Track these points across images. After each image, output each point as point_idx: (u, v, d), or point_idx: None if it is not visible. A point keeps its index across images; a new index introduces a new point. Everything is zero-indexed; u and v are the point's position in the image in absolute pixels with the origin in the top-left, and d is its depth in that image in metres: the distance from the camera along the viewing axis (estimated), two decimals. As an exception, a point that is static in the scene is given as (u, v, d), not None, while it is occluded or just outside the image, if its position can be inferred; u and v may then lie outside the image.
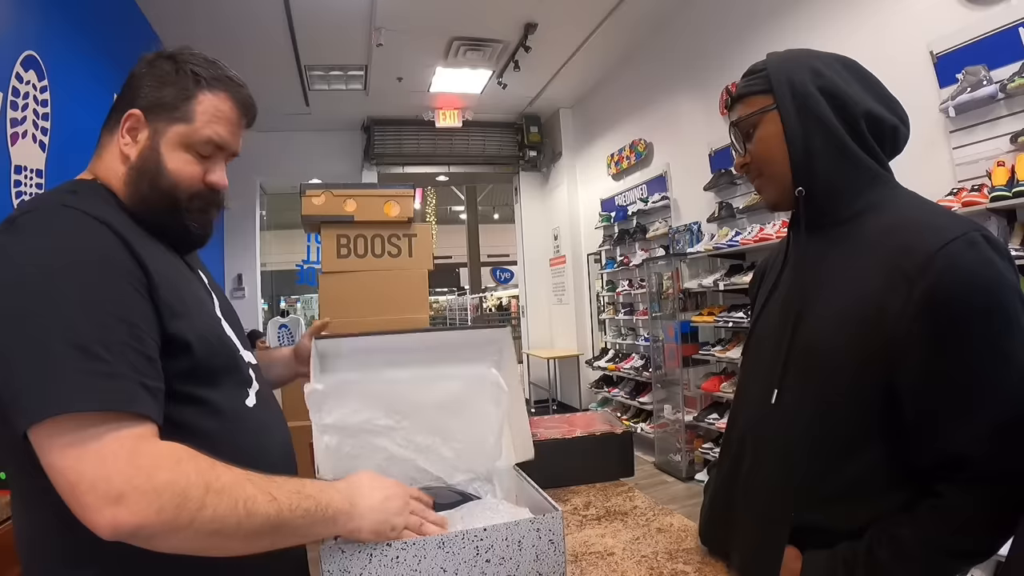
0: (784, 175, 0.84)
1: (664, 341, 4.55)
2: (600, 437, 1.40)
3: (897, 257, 0.73)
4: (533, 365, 7.62)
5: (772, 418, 0.85)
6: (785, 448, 0.82)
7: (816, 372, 0.80)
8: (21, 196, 2.65)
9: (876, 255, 0.77)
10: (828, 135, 0.81)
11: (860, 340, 0.75)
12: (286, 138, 6.94)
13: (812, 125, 0.81)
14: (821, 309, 0.81)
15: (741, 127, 0.89)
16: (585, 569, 0.94)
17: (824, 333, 0.79)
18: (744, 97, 0.88)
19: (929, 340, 0.70)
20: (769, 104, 0.84)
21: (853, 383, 0.76)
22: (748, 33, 4.00)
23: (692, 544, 1.02)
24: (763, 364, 0.89)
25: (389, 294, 1.47)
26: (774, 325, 0.90)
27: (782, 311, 0.88)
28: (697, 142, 4.58)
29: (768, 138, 0.85)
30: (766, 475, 0.85)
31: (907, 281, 0.71)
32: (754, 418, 0.90)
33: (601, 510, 1.21)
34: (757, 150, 0.87)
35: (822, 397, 0.79)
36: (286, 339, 6.22)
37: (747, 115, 0.87)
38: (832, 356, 0.78)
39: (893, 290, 0.72)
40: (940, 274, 0.69)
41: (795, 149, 0.82)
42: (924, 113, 2.67)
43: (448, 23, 4.83)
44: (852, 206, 0.82)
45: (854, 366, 0.76)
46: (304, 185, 1.46)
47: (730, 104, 0.90)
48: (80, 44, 3.34)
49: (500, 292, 17.49)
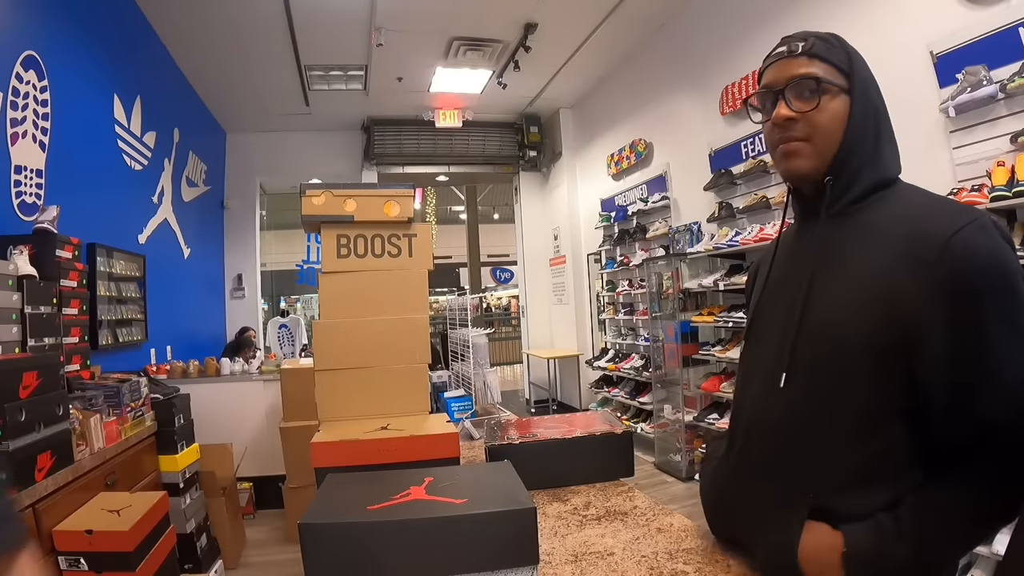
0: (829, 153, 0.84)
1: (664, 341, 4.55)
2: (600, 437, 1.40)
3: (910, 243, 0.76)
4: (533, 365, 7.62)
5: (781, 402, 0.85)
6: (798, 431, 0.83)
7: (829, 356, 0.80)
8: (21, 196, 2.65)
9: (886, 242, 0.79)
10: (877, 126, 0.84)
11: (875, 324, 0.77)
12: (286, 138, 6.94)
13: (870, 116, 0.84)
14: (831, 294, 0.82)
15: (805, 85, 0.83)
16: (585, 569, 0.94)
17: (836, 317, 0.80)
18: (819, 58, 0.84)
19: (952, 320, 0.73)
20: (844, 84, 0.83)
21: (869, 366, 0.77)
22: (748, 33, 4.00)
23: (692, 544, 1.02)
24: (768, 351, 0.89)
25: (389, 294, 1.47)
26: (777, 312, 0.90)
27: (787, 297, 0.89)
28: (697, 142, 4.58)
29: (834, 112, 0.83)
30: (780, 459, 0.85)
31: (923, 266, 0.74)
32: (761, 404, 0.89)
33: (601, 510, 1.21)
34: (819, 118, 0.83)
35: (836, 380, 0.80)
36: (286, 339, 6.21)
37: (824, 79, 0.82)
38: (846, 340, 0.79)
39: (908, 275, 0.75)
40: (957, 258, 0.72)
41: (851, 137, 0.83)
42: (924, 113, 2.67)
43: (448, 23, 4.83)
44: (865, 196, 0.84)
45: (870, 349, 0.77)
46: (304, 185, 1.45)
47: (795, 49, 0.85)
48: (80, 44, 3.33)
49: (500, 292, 17.49)
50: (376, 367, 1.43)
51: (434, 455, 1.20)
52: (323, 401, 1.40)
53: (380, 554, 0.76)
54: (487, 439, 1.41)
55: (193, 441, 2.93)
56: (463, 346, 3.41)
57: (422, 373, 1.47)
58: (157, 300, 4.27)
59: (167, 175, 4.74)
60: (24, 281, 2.21)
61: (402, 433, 1.23)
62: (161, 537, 2.10)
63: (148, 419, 2.65)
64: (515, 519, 0.78)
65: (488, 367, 3.16)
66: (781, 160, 0.88)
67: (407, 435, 1.22)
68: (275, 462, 3.64)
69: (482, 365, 3.17)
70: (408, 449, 1.20)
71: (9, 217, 2.55)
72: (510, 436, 1.41)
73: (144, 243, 4.21)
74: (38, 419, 1.75)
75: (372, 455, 1.18)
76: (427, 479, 0.89)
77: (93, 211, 3.35)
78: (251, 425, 4.05)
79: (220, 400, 3.95)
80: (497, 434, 1.44)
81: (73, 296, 2.62)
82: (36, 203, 2.74)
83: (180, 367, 4.12)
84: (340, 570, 0.75)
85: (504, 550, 0.78)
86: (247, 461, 3.74)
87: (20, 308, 2.18)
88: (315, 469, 1.15)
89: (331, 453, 1.17)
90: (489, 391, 3.02)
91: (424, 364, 1.47)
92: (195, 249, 5.46)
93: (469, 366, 3.22)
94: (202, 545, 2.75)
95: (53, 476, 1.81)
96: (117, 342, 3.60)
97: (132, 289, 3.90)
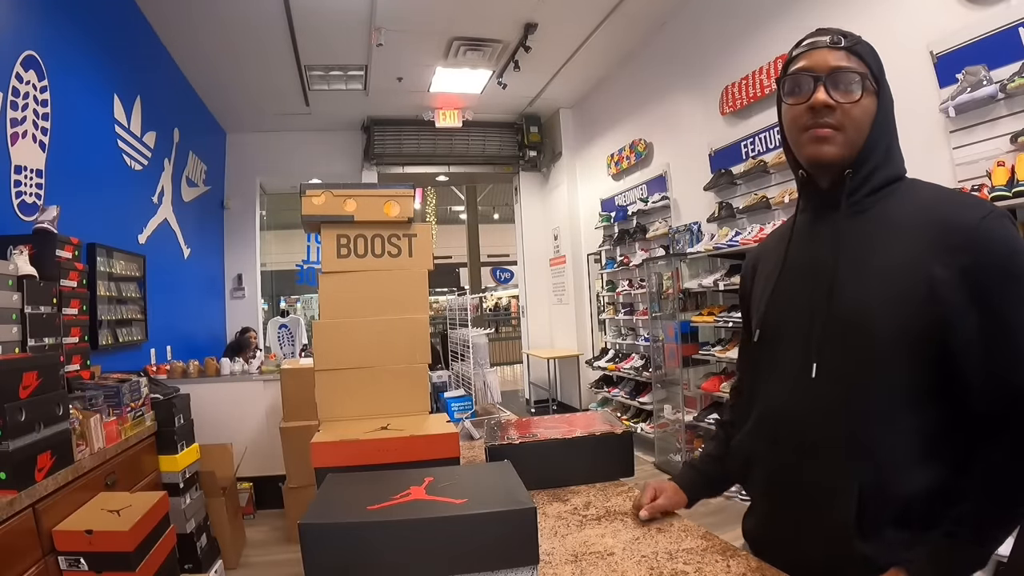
0: (856, 147, 0.88)
1: (664, 341, 4.55)
2: (600, 437, 1.40)
3: (936, 232, 0.81)
4: (533, 365, 7.62)
5: (813, 393, 0.87)
6: (836, 419, 0.85)
7: (863, 345, 0.84)
8: (21, 196, 2.65)
9: (910, 232, 0.84)
10: (893, 128, 0.91)
11: (909, 310, 0.81)
12: (286, 138, 6.94)
13: (890, 119, 0.90)
14: (859, 284, 0.85)
15: (850, 77, 0.86)
16: (585, 569, 0.94)
17: (867, 307, 0.84)
18: (860, 57, 0.88)
19: (984, 301, 0.78)
20: (875, 87, 0.88)
21: (905, 351, 0.81)
22: (748, 33, 4.01)
23: (692, 544, 1.02)
24: (792, 343, 0.91)
25: (389, 294, 1.47)
26: (799, 305, 0.92)
27: (808, 290, 0.91)
28: (697, 142, 4.58)
29: (868, 110, 0.87)
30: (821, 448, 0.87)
31: (952, 252, 0.79)
32: (789, 396, 0.91)
33: (601, 510, 1.21)
34: (855, 112, 0.86)
35: (873, 368, 0.83)
36: (286, 339, 6.21)
37: (865, 73, 0.87)
38: (880, 328, 0.82)
39: (938, 261, 0.80)
40: (986, 243, 0.79)
41: (875, 135, 0.88)
42: (924, 113, 2.66)
43: (448, 23, 4.83)
44: (879, 189, 0.89)
45: (905, 335, 0.81)
46: (304, 185, 1.45)
47: (837, 41, 0.89)
48: (80, 44, 3.33)
49: (500, 292, 17.49)
50: (376, 367, 1.42)
51: (434, 455, 1.20)
52: (323, 401, 1.40)
53: (380, 554, 0.75)
54: (487, 439, 1.41)
55: (193, 441, 2.93)
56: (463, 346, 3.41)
57: (422, 373, 1.47)
58: (157, 300, 4.27)
59: (167, 175, 4.74)
60: (24, 281, 2.21)
61: (402, 433, 1.23)
62: (161, 537, 2.10)
63: (148, 419, 2.65)
64: (515, 519, 0.78)
65: (488, 367, 3.16)
66: (809, 143, 0.89)
67: (407, 435, 1.22)
68: (275, 462, 3.64)
69: (482, 365, 3.17)
70: (408, 449, 1.20)
71: (9, 217, 2.55)
72: (510, 436, 1.41)
73: (144, 243, 4.21)
74: (38, 419, 1.75)
75: (372, 455, 1.18)
76: (427, 479, 0.89)
77: (93, 211, 3.35)
78: (251, 425, 4.05)
79: (220, 400, 3.95)
80: (497, 434, 1.44)
81: (73, 296, 2.62)
82: (36, 203, 2.74)
83: (180, 367, 4.12)
84: (340, 570, 0.75)
85: (504, 550, 0.78)
86: (247, 461, 3.74)
87: (20, 308, 2.18)
88: (315, 469, 1.15)
89: (331, 453, 1.17)
90: (489, 391, 3.02)
91: (424, 364, 1.46)
92: (195, 249, 5.46)
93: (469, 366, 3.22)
94: (202, 545, 2.75)
95: (53, 476, 1.81)
96: (117, 342, 3.60)
97: (132, 289, 3.90)
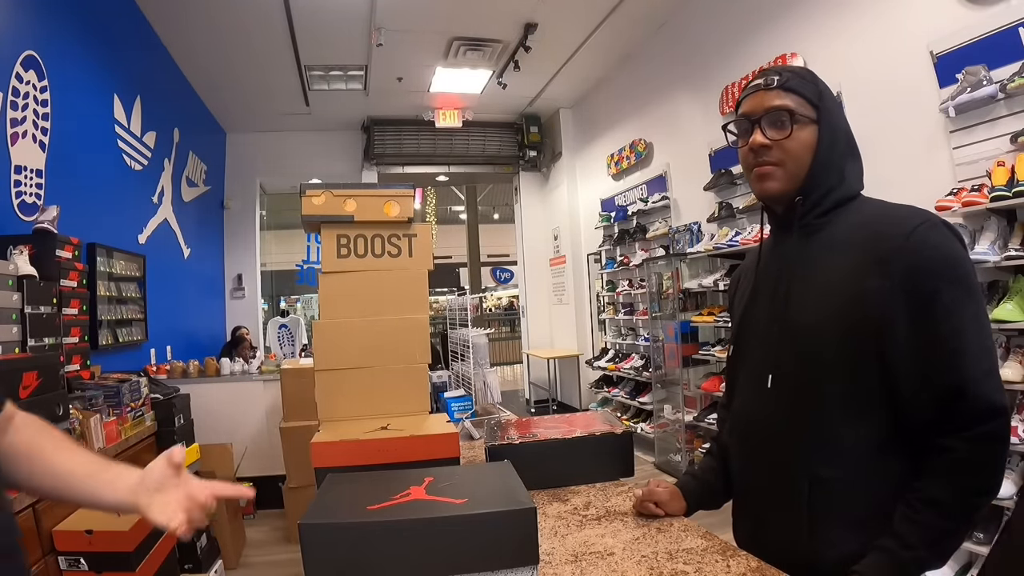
0: (799, 176, 0.94)
1: (664, 341, 4.55)
2: (600, 437, 1.40)
3: (871, 245, 0.87)
4: (533, 365, 7.62)
5: (770, 400, 0.95)
6: (788, 424, 0.92)
7: (810, 356, 0.90)
8: (21, 196, 2.65)
9: (849, 248, 0.90)
10: (843, 148, 0.94)
11: (848, 322, 0.87)
12: (286, 138, 6.94)
13: (839, 140, 0.93)
14: (806, 300, 0.92)
15: (779, 115, 0.92)
16: (585, 569, 0.94)
17: (812, 321, 0.90)
18: (791, 91, 0.93)
19: (914, 307, 0.83)
20: (813, 115, 0.93)
21: (847, 361, 0.87)
22: (748, 33, 4.00)
23: (692, 544, 1.02)
24: (755, 355, 1.00)
25: (389, 294, 1.47)
26: (761, 319, 1.00)
27: (767, 305, 0.99)
28: (697, 142, 4.57)
29: (804, 141, 0.93)
30: (776, 448, 0.95)
31: (883, 263, 0.84)
32: (752, 402, 1.00)
33: (601, 510, 1.21)
34: (790, 146, 0.93)
35: (819, 377, 0.89)
36: (286, 339, 6.21)
37: (796, 111, 0.92)
38: (824, 340, 0.89)
39: (872, 273, 0.85)
40: (915, 253, 0.83)
41: (818, 161, 0.93)
42: (924, 113, 2.66)
43: (448, 23, 4.83)
44: (828, 211, 0.94)
45: (846, 346, 0.87)
46: (304, 185, 1.45)
47: (770, 82, 0.94)
48: (80, 44, 3.33)
49: (500, 292, 17.49)
50: (376, 367, 1.43)
51: (434, 455, 1.20)
52: (323, 401, 1.40)
53: (380, 554, 0.75)
54: (487, 439, 1.41)
55: (193, 441, 2.93)
56: (463, 346, 3.40)
57: (422, 373, 1.47)
58: (157, 300, 4.27)
59: (167, 175, 4.74)
60: (24, 281, 2.21)
61: (402, 433, 1.23)
62: (161, 537, 2.10)
63: (148, 419, 2.65)
64: (515, 519, 0.78)
65: (488, 367, 3.16)
66: (756, 181, 0.98)
67: (407, 435, 1.22)
68: (275, 462, 3.64)
69: (482, 365, 3.16)
70: (408, 449, 1.20)
71: (9, 217, 2.55)
72: (510, 436, 1.41)
73: (144, 243, 4.21)
74: (38, 419, 1.75)
75: (372, 455, 1.18)
76: (427, 479, 0.89)
77: (93, 211, 3.35)
78: (251, 425, 4.05)
79: (220, 400, 3.95)
80: (497, 434, 1.44)
81: (73, 296, 2.62)
82: (36, 203, 2.74)
83: (180, 367, 4.12)
84: (340, 570, 0.75)
85: (504, 550, 0.78)
86: (247, 461, 3.74)
87: (20, 308, 2.18)
88: (315, 469, 1.15)
89: (331, 453, 1.17)
90: (489, 391, 3.02)
91: (424, 364, 1.46)
92: (195, 249, 5.46)
93: (469, 366, 3.22)
94: (202, 545, 2.75)
95: (53, 476, 1.81)
96: (117, 342, 3.60)
97: (132, 289, 3.90)
